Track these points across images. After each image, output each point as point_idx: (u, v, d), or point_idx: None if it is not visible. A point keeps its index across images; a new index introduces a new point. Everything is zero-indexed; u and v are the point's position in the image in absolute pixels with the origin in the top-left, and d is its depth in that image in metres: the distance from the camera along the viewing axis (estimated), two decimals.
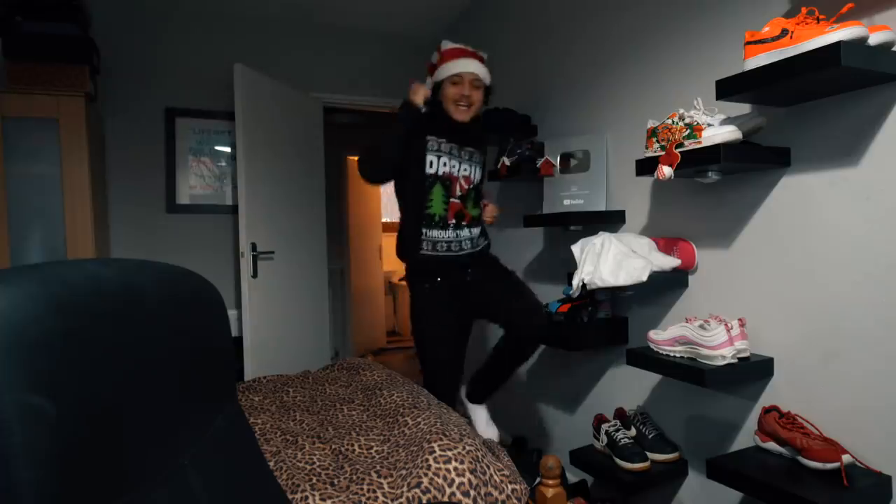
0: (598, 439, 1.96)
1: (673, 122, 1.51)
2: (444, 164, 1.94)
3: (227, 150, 3.21)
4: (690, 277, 1.79)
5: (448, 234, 1.95)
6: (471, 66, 1.92)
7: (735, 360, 1.48)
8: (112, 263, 0.61)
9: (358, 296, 5.19)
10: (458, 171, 1.97)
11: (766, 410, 1.43)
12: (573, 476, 2.25)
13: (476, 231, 2.03)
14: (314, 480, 1.45)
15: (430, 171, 1.93)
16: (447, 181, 1.95)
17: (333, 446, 1.69)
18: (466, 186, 1.99)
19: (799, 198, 1.46)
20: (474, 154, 2.02)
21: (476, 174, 2.02)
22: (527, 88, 2.63)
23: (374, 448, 1.67)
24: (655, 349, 1.65)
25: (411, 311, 2.08)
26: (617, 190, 2.10)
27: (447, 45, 1.97)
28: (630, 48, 2.03)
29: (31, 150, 2.32)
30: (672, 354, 1.60)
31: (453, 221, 1.96)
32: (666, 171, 1.48)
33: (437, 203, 1.94)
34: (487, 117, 2.47)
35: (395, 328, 6.38)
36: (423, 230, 1.95)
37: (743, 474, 1.36)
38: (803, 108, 1.43)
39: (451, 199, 1.95)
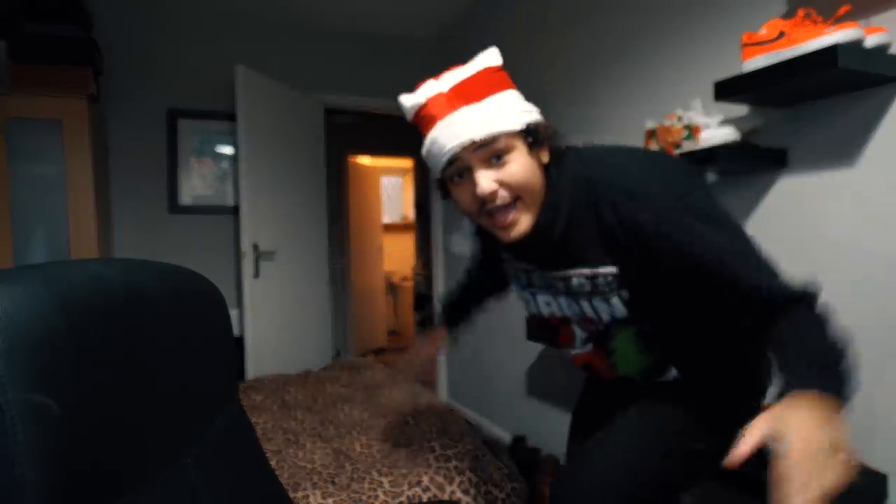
0: None
1: (671, 123, 1.52)
2: (532, 301, 1.05)
3: (229, 151, 3.22)
4: None
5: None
6: (459, 133, 0.84)
7: None
8: (115, 263, 0.62)
9: (358, 296, 5.20)
10: (561, 311, 1.01)
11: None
12: None
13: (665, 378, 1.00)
14: (315, 479, 1.46)
15: (529, 309, 1.08)
16: (550, 325, 1.05)
17: (334, 445, 1.70)
18: (593, 328, 0.99)
19: (796, 199, 1.46)
20: (584, 280, 0.92)
21: (606, 311, 0.93)
22: (525, 89, 2.63)
23: (375, 447, 1.68)
24: None
25: None
26: None
27: (406, 105, 0.93)
28: (628, 49, 2.04)
29: (34, 150, 2.33)
30: None
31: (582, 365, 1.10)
32: None
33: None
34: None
35: (395, 328, 6.38)
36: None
37: (743, 474, 1.36)
38: (800, 109, 1.43)
39: (574, 352, 1.07)
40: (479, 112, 0.83)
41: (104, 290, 0.54)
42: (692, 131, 1.44)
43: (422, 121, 0.89)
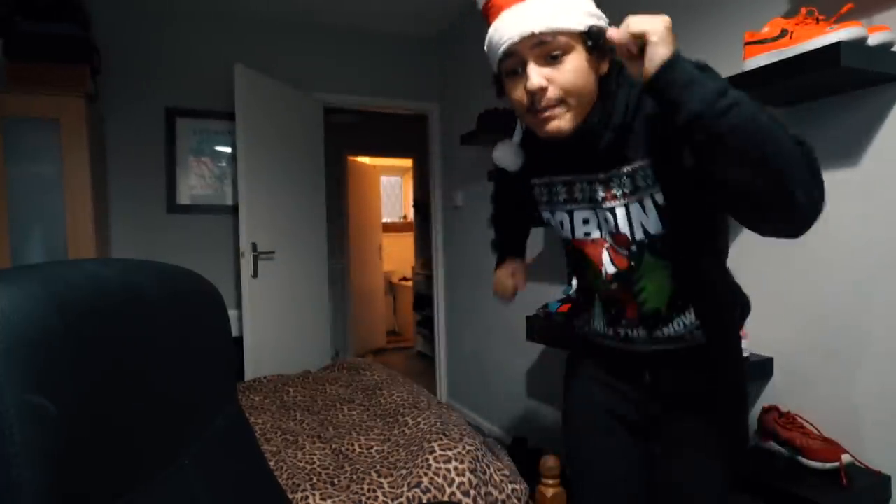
0: None
1: None
2: (567, 221, 1.01)
3: (228, 150, 3.21)
4: None
5: (599, 328, 1.06)
6: (520, 25, 0.83)
7: None
8: (113, 263, 0.61)
9: (358, 296, 5.19)
10: (597, 229, 0.98)
11: (766, 410, 1.43)
12: None
13: (677, 328, 0.97)
14: (314, 480, 1.46)
15: (562, 233, 1.05)
16: (582, 254, 1.02)
17: (334, 446, 1.69)
18: (625, 254, 0.95)
19: None
20: (624, 178, 0.91)
21: (639, 222, 0.92)
22: None
23: (375, 448, 1.67)
24: None
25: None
26: None
27: None
28: None
29: (31, 150, 2.32)
30: None
31: (608, 317, 1.04)
32: None
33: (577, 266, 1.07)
34: (493, 118, 1.87)
35: (395, 328, 6.38)
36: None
37: (742, 474, 1.36)
38: (803, 108, 1.43)
39: (604, 286, 1.00)
40: (545, 5, 0.82)
41: (102, 291, 0.53)
42: None
43: (490, 10, 0.87)
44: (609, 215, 0.93)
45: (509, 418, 2.91)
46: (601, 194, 0.93)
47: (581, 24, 0.83)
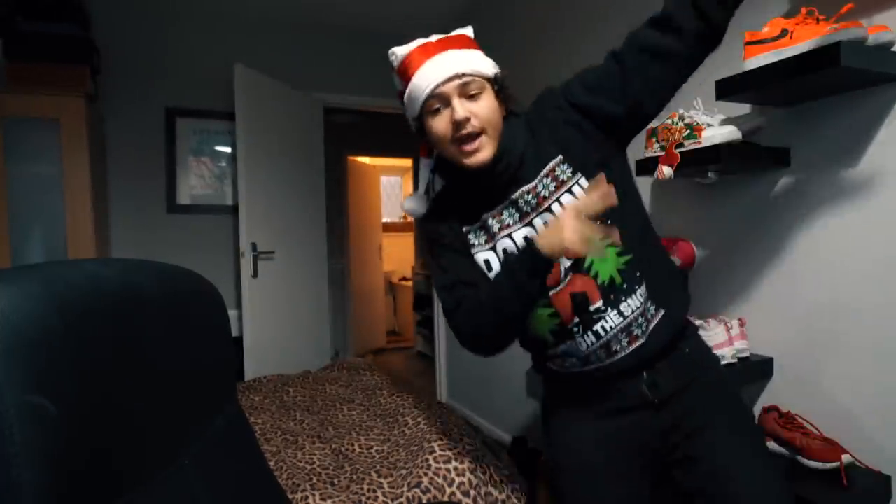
0: None
1: (673, 122, 1.51)
2: (509, 248, 1.06)
3: (228, 150, 3.21)
4: (690, 277, 1.79)
5: (581, 344, 1.05)
6: (445, 68, 0.99)
7: (735, 360, 1.48)
8: (112, 263, 0.61)
9: (358, 296, 5.19)
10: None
11: (766, 410, 1.43)
12: None
13: (637, 301, 1.03)
14: (314, 480, 1.46)
15: (492, 275, 1.08)
16: None
17: (333, 446, 1.69)
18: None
19: (798, 198, 1.46)
20: (546, 180, 1.04)
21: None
22: (525, 90, 2.63)
23: (375, 448, 1.67)
24: None
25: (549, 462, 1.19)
26: None
27: (398, 52, 1.06)
28: None
29: (31, 150, 2.32)
30: None
31: (576, 319, 1.04)
32: (665, 171, 1.48)
33: (533, 320, 1.08)
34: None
35: (394, 328, 6.38)
36: (541, 350, 1.13)
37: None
38: (803, 108, 1.43)
39: (552, 291, 1.04)
40: (462, 54, 1.02)
41: (102, 291, 0.53)
42: (694, 130, 1.44)
43: (410, 64, 1.02)
44: (549, 214, 1.03)
45: (509, 418, 2.91)
46: (533, 203, 1.04)
47: (491, 71, 1.04)
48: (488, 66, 1.04)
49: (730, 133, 1.39)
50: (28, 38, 2.27)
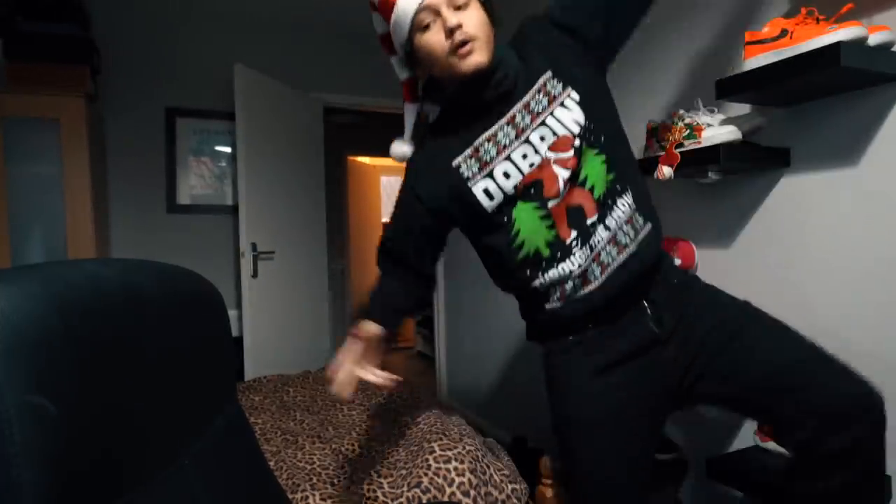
0: None
1: (673, 122, 1.51)
2: (510, 171, 1.06)
3: (228, 150, 3.21)
4: None
5: (577, 259, 1.05)
6: None
7: None
8: (112, 263, 0.61)
9: (358, 296, 5.19)
10: (535, 154, 1.05)
11: None
12: None
13: (623, 212, 1.07)
14: (314, 480, 1.46)
15: (490, 204, 1.08)
16: (530, 188, 1.06)
17: (334, 446, 1.69)
18: (569, 154, 1.04)
19: (798, 198, 1.46)
20: (538, 95, 1.07)
21: (571, 119, 1.05)
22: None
23: (375, 448, 1.67)
24: None
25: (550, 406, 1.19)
26: None
27: None
28: (629, 48, 2.03)
29: (31, 150, 2.32)
30: None
31: (574, 233, 1.05)
32: (665, 171, 1.48)
33: (531, 232, 1.07)
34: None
35: None
36: (537, 281, 1.08)
37: (743, 474, 1.36)
38: (803, 108, 1.43)
39: (551, 203, 1.05)
40: None
41: (102, 291, 0.53)
42: (694, 130, 1.44)
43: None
44: (545, 129, 1.06)
45: (509, 419, 2.91)
46: (527, 120, 1.07)
47: None
48: None
49: (730, 133, 1.39)
50: (28, 38, 2.27)
